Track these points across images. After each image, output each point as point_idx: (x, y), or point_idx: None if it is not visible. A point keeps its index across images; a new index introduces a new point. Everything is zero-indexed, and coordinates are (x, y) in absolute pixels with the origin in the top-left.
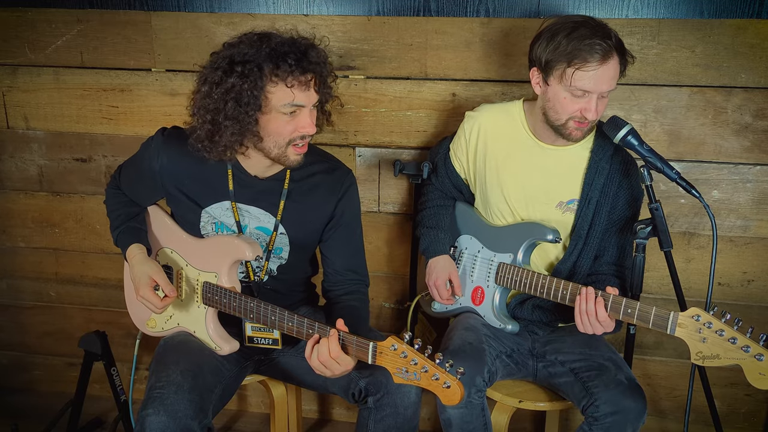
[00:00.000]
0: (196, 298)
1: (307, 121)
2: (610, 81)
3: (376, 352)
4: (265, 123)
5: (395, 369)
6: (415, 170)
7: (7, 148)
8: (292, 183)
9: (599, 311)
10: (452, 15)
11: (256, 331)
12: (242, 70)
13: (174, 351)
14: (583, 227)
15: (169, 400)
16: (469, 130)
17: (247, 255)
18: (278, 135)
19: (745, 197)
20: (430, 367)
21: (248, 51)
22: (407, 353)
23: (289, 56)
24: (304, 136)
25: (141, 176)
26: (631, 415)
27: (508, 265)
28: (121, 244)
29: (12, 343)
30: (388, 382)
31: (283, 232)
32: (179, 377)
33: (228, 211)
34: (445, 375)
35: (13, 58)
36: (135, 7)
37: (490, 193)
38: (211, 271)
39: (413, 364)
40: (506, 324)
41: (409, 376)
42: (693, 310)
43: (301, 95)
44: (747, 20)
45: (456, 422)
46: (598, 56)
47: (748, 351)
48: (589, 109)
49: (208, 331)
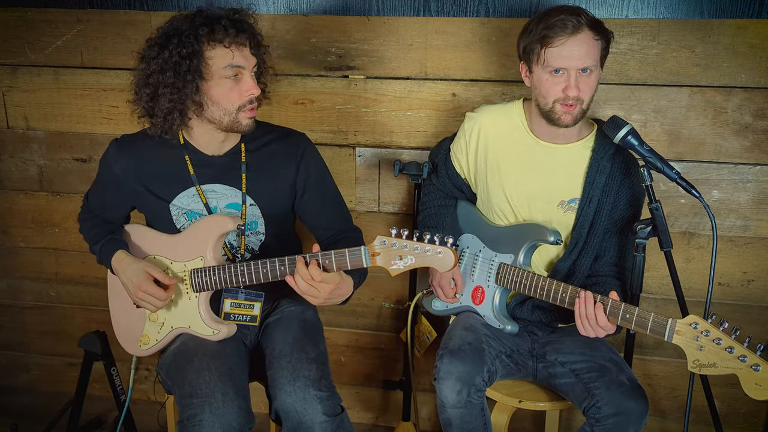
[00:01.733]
0: (186, 290)
1: (251, 83)
2: (584, 56)
3: (368, 254)
4: (208, 90)
5: (390, 263)
6: (415, 170)
7: (7, 148)
8: (248, 154)
9: (599, 316)
10: (452, 15)
11: (235, 308)
12: (178, 41)
13: (193, 355)
14: (584, 226)
15: (220, 410)
16: (469, 131)
17: (229, 226)
18: (226, 101)
19: (745, 197)
20: (420, 244)
21: (181, 24)
22: (397, 242)
23: (222, 19)
24: (252, 100)
25: (107, 189)
26: (633, 417)
27: (509, 265)
28: (104, 256)
29: (12, 343)
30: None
31: (252, 203)
32: (218, 382)
33: (195, 197)
34: (434, 246)
35: (13, 58)
36: (135, 7)
37: (492, 193)
38: (197, 256)
39: (404, 249)
40: (506, 324)
41: (404, 263)
42: (691, 317)
43: (239, 56)
44: (747, 20)
45: (455, 422)
46: (568, 31)
47: (745, 361)
48: (569, 86)
49: (202, 317)
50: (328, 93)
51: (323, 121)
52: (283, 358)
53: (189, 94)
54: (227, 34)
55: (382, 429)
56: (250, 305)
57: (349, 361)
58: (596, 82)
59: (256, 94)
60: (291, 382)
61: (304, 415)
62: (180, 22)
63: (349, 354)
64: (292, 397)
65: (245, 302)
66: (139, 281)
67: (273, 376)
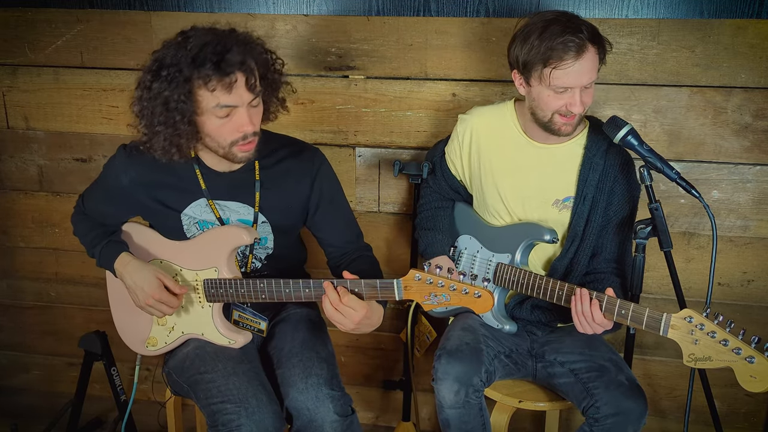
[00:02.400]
0: (198, 299)
1: (245, 120)
2: (589, 73)
3: (401, 288)
4: (202, 124)
5: (423, 298)
6: (415, 170)
7: (7, 148)
8: (262, 172)
9: (595, 313)
10: (452, 15)
11: (243, 318)
12: (167, 75)
13: (216, 360)
14: (579, 224)
15: (256, 416)
16: (462, 133)
17: (245, 239)
18: (218, 136)
19: (745, 197)
20: (457, 284)
21: (174, 53)
22: (432, 279)
23: (208, 60)
24: (245, 136)
25: (109, 196)
26: (632, 416)
27: (506, 265)
28: (105, 259)
29: (12, 343)
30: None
31: (264, 220)
32: (250, 387)
33: (207, 208)
34: (473, 287)
35: (13, 58)
36: (135, 7)
37: (487, 194)
38: (210, 266)
39: (440, 287)
40: (504, 324)
41: (438, 299)
42: (685, 311)
43: (227, 97)
44: (747, 20)
45: (454, 422)
46: (573, 52)
47: (740, 353)
48: (573, 103)
49: (218, 328)
50: (328, 93)
51: (323, 121)
52: (294, 357)
53: (182, 129)
54: (211, 77)
55: (382, 429)
56: (257, 321)
57: (349, 361)
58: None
59: (249, 131)
60: (303, 379)
61: (315, 413)
62: (174, 49)
63: (349, 354)
64: (304, 395)
65: (252, 317)
66: (152, 289)
67: (284, 374)
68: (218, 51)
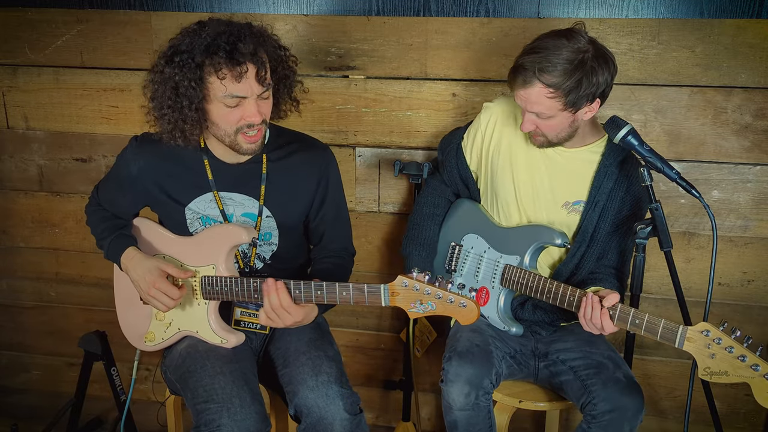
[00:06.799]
0: (195, 295)
1: (252, 110)
2: (533, 103)
3: (388, 294)
4: (210, 111)
5: (409, 305)
6: (415, 170)
7: (7, 148)
8: (270, 164)
9: (605, 323)
10: (452, 15)
11: (245, 316)
12: (179, 61)
13: (205, 359)
14: (587, 229)
15: (238, 416)
16: (486, 121)
17: (243, 238)
18: (224, 123)
19: (745, 197)
20: (443, 292)
21: (189, 41)
22: (419, 286)
23: (221, 48)
24: (251, 125)
25: (121, 187)
26: (628, 413)
27: (515, 267)
28: (113, 252)
29: (12, 343)
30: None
31: (269, 215)
32: (234, 387)
33: (212, 203)
34: (459, 296)
35: (13, 58)
36: (135, 7)
37: (500, 187)
38: (209, 263)
39: (426, 294)
40: (510, 326)
41: (424, 307)
42: (702, 324)
43: (235, 87)
44: (747, 20)
45: (462, 425)
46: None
47: (758, 370)
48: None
49: (212, 326)
50: (328, 93)
51: (323, 121)
52: (302, 355)
53: (189, 116)
54: (222, 65)
55: (382, 429)
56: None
57: (349, 361)
58: (559, 124)
59: (254, 122)
60: (313, 377)
61: (326, 410)
62: (190, 36)
63: (349, 354)
64: (315, 392)
65: (255, 312)
66: (153, 279)
67: (292, 373)
68: (231, 41)
